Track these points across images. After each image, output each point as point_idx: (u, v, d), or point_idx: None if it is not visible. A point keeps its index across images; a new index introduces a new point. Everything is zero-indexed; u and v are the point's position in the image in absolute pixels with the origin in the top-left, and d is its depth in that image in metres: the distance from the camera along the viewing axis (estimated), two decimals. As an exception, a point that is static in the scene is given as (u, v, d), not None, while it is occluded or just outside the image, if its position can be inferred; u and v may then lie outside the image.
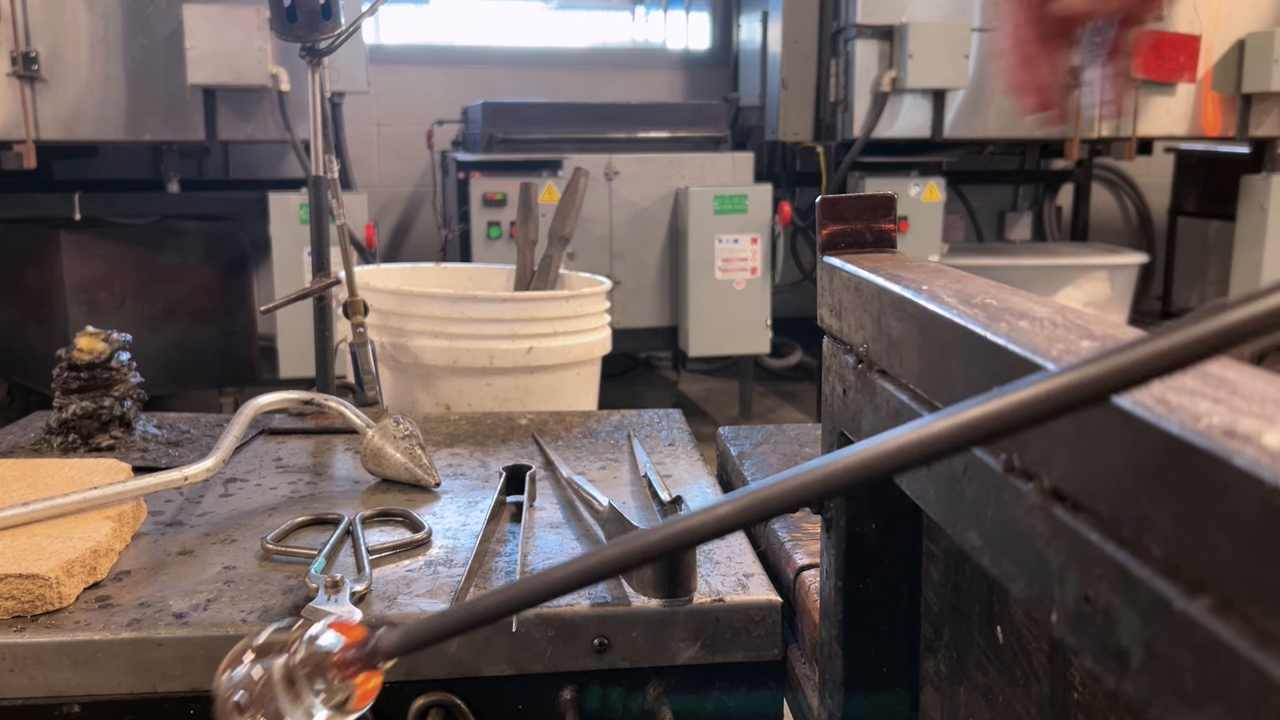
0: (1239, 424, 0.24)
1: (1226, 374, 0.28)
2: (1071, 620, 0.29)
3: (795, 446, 1.09)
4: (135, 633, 0.70)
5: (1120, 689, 0.27)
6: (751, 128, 4.90)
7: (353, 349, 1.35)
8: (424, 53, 5.00)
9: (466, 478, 1.04)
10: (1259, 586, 0.21)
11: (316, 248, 1.36)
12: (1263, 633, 0.21)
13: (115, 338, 1.13)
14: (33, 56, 3.37)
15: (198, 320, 3.86)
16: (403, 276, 1.91)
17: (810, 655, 0.73)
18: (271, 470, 1.05)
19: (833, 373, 0.58)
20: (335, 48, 1.24)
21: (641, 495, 0.99)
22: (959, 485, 0.39)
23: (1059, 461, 0.31)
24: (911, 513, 0.58)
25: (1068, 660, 0.41)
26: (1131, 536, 0.26)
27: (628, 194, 3.86)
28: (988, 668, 0.49)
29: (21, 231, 3.78)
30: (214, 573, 0.79)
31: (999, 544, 0.35)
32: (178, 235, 3.87)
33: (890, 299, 0.48)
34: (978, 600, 0.50)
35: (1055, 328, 0.36)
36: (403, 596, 0.75)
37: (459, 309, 1.60)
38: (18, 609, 0.71)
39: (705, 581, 0.78)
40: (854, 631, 0.60)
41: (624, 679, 0.75)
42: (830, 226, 0.56)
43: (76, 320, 3.50)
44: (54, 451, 1.08)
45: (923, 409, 0.43)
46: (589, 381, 1.74)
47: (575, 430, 1.21)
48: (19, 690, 0.69)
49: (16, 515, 0.77)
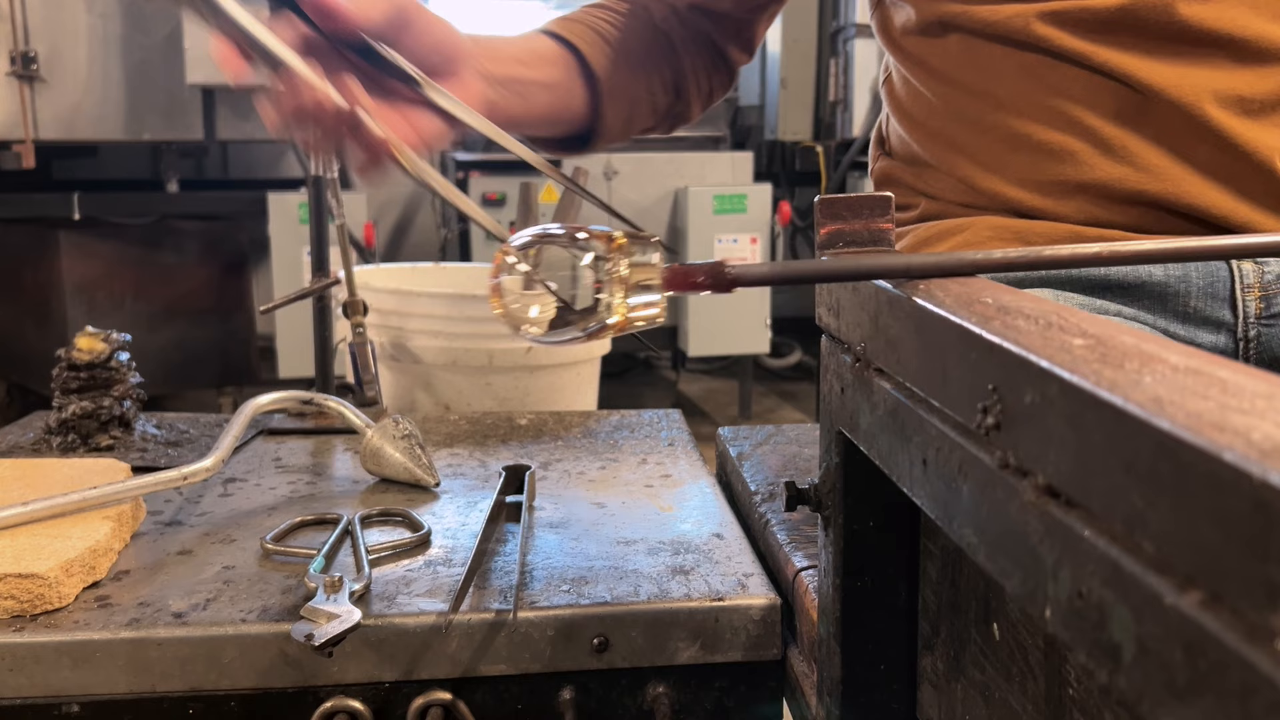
0: (1229, 420, 0.24)
1: (1218, 371, 0.28)
2: (1065, 616, 0.30)
3: (795, 447, 1.10)
4: (134, 632, 0.70)
5: (1113, 684, 0.27)
6: (751, 127, 4.90)
7: (352, 349, 1.35)
8: (423, 53, 4.99)
9: (466, 478, 1.04)
10: (1248, 581, 0.21)
11: (316, 247, 1.36)
12: (1252, 626, 0.21)
13: (114, 338, 1.14)
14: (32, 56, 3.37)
15: (197, 320, 3.86)
16: (402, 276, 1.91)
17: (808, 654, 0.74)
18: (271, 470, 1.06)
19: (830, 371, 0.58)
20: (334, 48, 1.24)
21: (641, 495, 0.99)
22: (955, 482, 0.39)
23: (1052, 459, 0.31)
24: (909, 511, 0.58)
25: (1063, 656, 0.41)
26: (1123, 533, 0.27)
27: (627, 193, 3.87)
28: (984, 665, 0.49)
29: (20, 231, 3.78)
30: (213, 572, 0.79)
31: (994, 541, 0.35)
32: (177, 235, 3.87)
33: (887, 298, 0.48)
34: (974, 598, 0.50)
35: (1050, 327, 0.36)
36: (402, 596, 0.75)
37: (458, 309, 1.61)
38: (16, 609, 0.71)
39: (705, 581, 0.78)
40: (852, 629, 0.60)
41: (623, 679, 0.75)
42: (828, 226, 0.56)
43: (75, 320, 3.50)
44: (53, 451, 1.08)
45: (919, 407, 0.43)
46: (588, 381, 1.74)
47: (575, 430, 1.22)
48: (17, 690, 0.69)
49: (15, 515, 0.77)
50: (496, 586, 0.77)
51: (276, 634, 0.71)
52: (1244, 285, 0.79)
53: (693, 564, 0.82)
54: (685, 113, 1.00)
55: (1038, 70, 0.81)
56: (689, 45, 0.96)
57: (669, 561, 0.82)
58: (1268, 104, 0.77)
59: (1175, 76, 0.77)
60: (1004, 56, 0.82)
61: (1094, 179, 0.80)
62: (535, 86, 0.85)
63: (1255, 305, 0.79)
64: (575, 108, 0.90)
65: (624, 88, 0.93)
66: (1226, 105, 0.77)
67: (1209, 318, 0.80)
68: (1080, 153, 0.80)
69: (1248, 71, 0.77)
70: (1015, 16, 0.80)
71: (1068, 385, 0.30)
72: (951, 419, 0.40)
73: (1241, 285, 0.79)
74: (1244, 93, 0.77)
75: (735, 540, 0.87)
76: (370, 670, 0.72)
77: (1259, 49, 0.77)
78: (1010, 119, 0.83)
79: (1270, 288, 0.79)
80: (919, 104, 0.90)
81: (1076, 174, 0.81)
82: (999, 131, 0.83)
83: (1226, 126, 0.77)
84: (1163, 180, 0.79)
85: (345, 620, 0.67)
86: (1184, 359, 0.30)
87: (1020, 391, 0.33)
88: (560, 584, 0.78)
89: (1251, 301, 0.79)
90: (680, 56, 0.96)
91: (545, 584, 0.78)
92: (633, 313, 0.53)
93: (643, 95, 0.95)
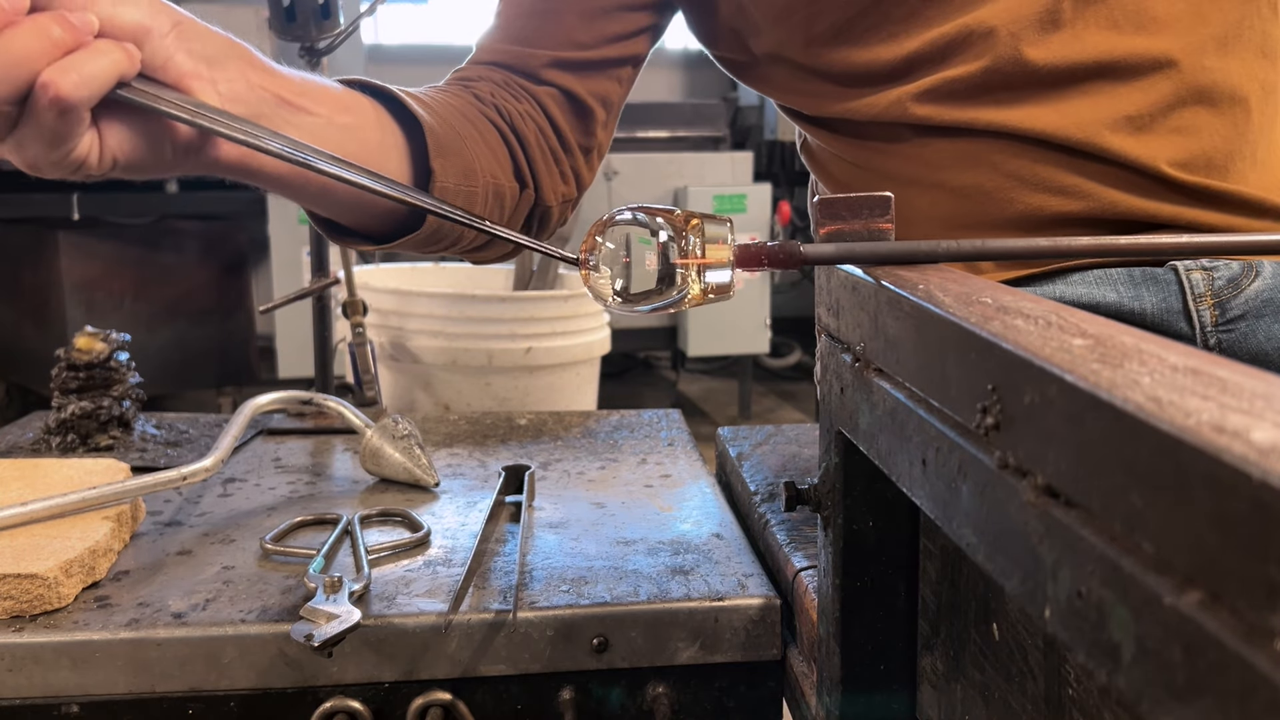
0: (1228, 420, 0.24)
1: (1218, 371, 0.28)
2: (1064, 616, 0.30)
3: (795, 447, 1.10)
4: (134, 633, 0.70)
5: (1112, 684, 0.27)
6: (750, 127, 4.90)
7: (351, 349, 1.35)
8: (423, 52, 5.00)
9: (465, 478, 1.04)
10: (1248, 581, 0.21)
11: (315, 247, 1.36)
12: (1251, 626, 0.21)
13: (114, 338, 1.14)
14: (31, 57, 3.36)
15: (196, 320, 3.86)
16: (402, 276, 1.91)
17: (808, 654, 0.74)
18: (270, 470, 1.06)
19: (830, 371, 0.58)
20: (334, 47, 1.25)
21: (641, 495, 0.99)
22: (955, 483, 0.39)
23: (1052, 459, 0.31)
24: (909, 510, 0.58)
25: (1062, 656, 0.41)
26: (1123, 533, 0.26)
27: (627, 193, 3.87)
28: (984, 665, 0.49)
29: (20, 231, 3.78)
30: (213, 573, 0.79)
31: (993, 541, 0.35)
32: (176, 235, 3.87)
33: (887, 298, 0.48)
34: (974, 598, 0.50)
35: (1049, 327, 0.36)
36: (401, 596, 0.75)
37: (458, 309, 1.61)
38: (16, 609, 0.71)
39: (705, 582, 0.78)
40: (851, 629, 0.60)
41: (623, 679, 0.75)
42: (828, 226, 0.56)
43: (75, 320, 3.50)
44: (52, 451, 1.08)
45: (918, 407, 0.43)
46: (588, 381, 1.74)
47: (574, 430, 1.22)
48: (17, 690, 0.69)
49: (15, 515, 0.77)
50: (496, 587, 0.77)
51: (276, 634, 0.71)
52: (1195, 295, 0.79)
53: (692, 564, 0.82)
54: (546, 218, 0.85)
55: (929, 149, 0.82)
56: (527, 120, 0.82)
57: (669, 561, 0.82)
58: (1156, 113, 0.78)
59: (1058, 117, 0.78)
60: (893, 145, 0.84)
61: (1015, 212, 0.80)
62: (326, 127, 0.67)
63: (1210, 314, 0.79)
64: (388, 169, 0.71)
65: (458, 150, 0.75)
66: (1118, 129, 0.78)
67: (1167, 333, 0.80)
68: (996, 190, 0.81)
69: (1130, 89, 0.77)
70: (892, 105, 0.81)
71: (1067, 385, 0.30)
72: (951, 419, 0.40)
73: (1193, 295, 0.79)
74: (1130, 112, 0.78)
75: (735, 540, 0.87)
76: (370, 670, 0.72)
77: (1132, 65, 0.77)
78: (918, 189, 0.84)
79: (1222, 293, 0.79)
80: (840, 166, 0.91)
81: (999, 211, 0.81)
82: (914, 190, 0.84)
83: (1121, 148, 0.77)
84: (1081, 199, 0.79)
85: (345, 620, 0.67)
86: (1184, 359, 0.30)
87: (1020, 391, 0.33)
88: (560, 584, 0.78)
89: (1206, 311, 0.79)
90: (523, 136, 0.81)
91: (545, 584, 0.78)
92: (707, 284, 0.60)
93: (483, 170, 0.77)
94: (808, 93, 0.88)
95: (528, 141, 0.81)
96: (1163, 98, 0.78)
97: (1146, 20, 0.77)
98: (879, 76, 0.82)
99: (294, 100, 0.65)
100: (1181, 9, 0.77)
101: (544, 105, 0.83)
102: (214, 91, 0.61)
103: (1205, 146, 0.79)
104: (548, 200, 0.84)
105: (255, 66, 0.64)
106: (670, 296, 0.60)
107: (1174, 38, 0.77)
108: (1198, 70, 0.78)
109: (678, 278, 0.60)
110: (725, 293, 0.60)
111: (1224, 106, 0.79)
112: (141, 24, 0.57)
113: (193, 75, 0.60)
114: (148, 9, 0.58)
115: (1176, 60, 0.77)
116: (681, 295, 0.60)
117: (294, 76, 0.67)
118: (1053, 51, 0.77)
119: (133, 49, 0.56)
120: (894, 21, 0.80)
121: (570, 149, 0.85)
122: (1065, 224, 0.80)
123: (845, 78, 0.84)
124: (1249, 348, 0.79)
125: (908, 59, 0.80)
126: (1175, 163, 0.78)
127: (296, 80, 0.66)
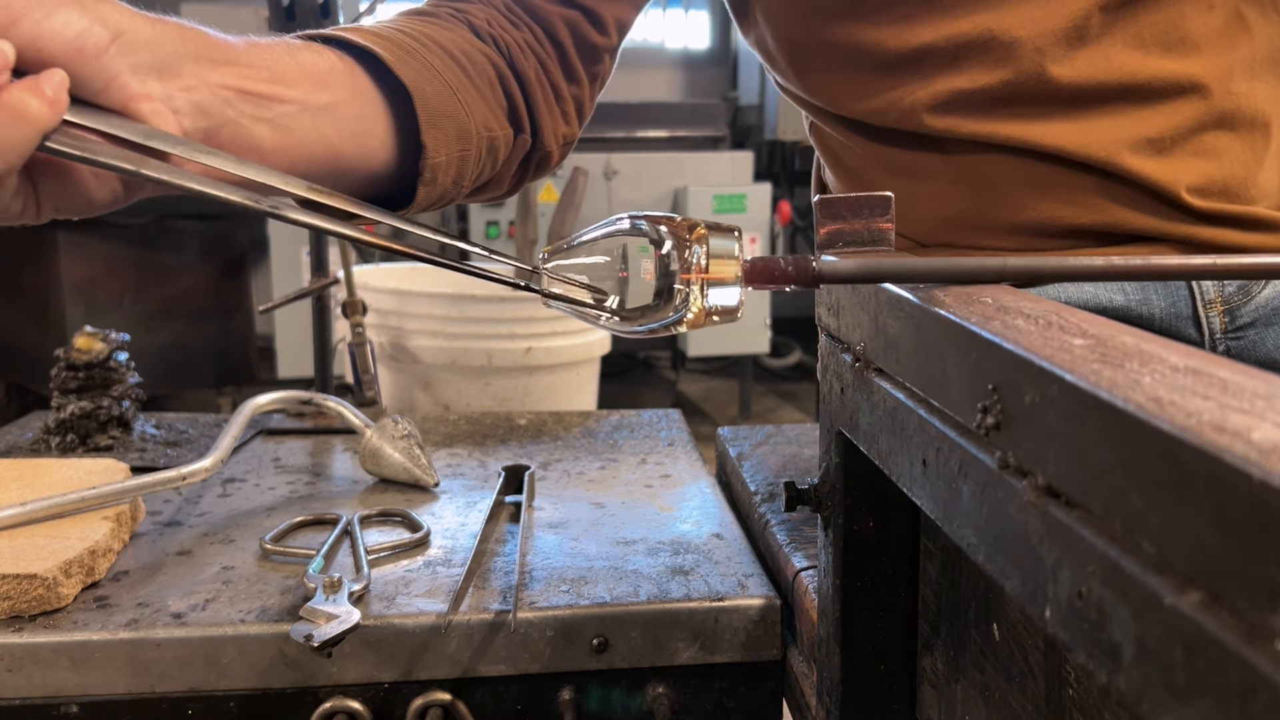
0: (1229, 420, 0.24)
1: (1218, 371, 0.28)
2: (1064, 616, 0.30)
3: (795, 447, 1.09)
4: (133, 633, 0.70)
5: (1113, 684, 0.27)
6: (750, 127, 4.90)
7: (351, 349, 1.35)
8: (422, 53, 4.99)
9: (465, 478, 1.04)
10: (1248, 581, 0.21)
11: (315, 247, 1.36)
12: (1252, 627, 0.21)
13: (113, 337, 1.13)
14: (31, 57, 3.36)
15: (196, 320, 3.86)
16: (401, 276, 1.91)
17: (808, 654, 0.74)
18: (270, 470, 1.06)
19: (830, 371, 0.58)
20: (333, 48, 1.24)
21: (641, 495, 0.99)
22: (955, 483, 0.39)
23: (1052, 459, 0.31)
24: (909, 511, 0.58)
25: (1062, 657, 0.41)
26: (1123, 533, 0.26)
27: (627, 193, 3.87)
28: (984, 665, 0.49)
29: (19, 231, 3.77)
30: (212, 573, 0.79)
31: (993, 541, 0.35)
32: (176, 235, 3.86)
33: (887, 298, 0.48)
34: (974, 598, 0.50)
35: (1050, 327, 0.36)
36: (401, 596, 0.75)
37: (458, 309, 1.61)
38: (15, 609, 0.71)
39: (705, 582, 0.78)
40: (852, 629, 0.60)
41: (623, 679, 0.75)
42: (828, 225, 0.56)
43: (74, 320, 3.50)
44: (52, 451, 1.08)
45: (919, 407, 0.43)
46: (588, 381, 1.74)
47: (574, 430, 1.22)
48: (16, 690, 0.69)
49: (14, 515, 0.77)
50: (496, 587, 0.77)
51: (275, 634, 0.71)
52: (1205, 301, 0.78)
53: (692, 564, 0.82)
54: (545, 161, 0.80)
55: (941, 153, 0.81)
56: (527, 53, 0.76)
57: (669, 562, 0.82)
58: (1177, 138, 0.77)
59: (1078, 135, 0.76)
60: (904, 147, 0.82)
61: (1026, 218, 0.79)
62: (300, 114, 0.60)
63: (1220, 320, 0.78)
64: (371, 147, 0.65)
65: (451, 112, 0.68)
66: (1139, 151, 0.76)
67: (1175, 338, 0.79)
68: (1008, 196, 0.80)
69: (1155, 111, 0.76)
70: (906, 115, 0.79)
71: (1068, 385, 0.30)
72: (951, 419, 0.40)
73: (1203, 302, 0.78)
74: (1153, 134, 0.76)
75: (735, 540, 0.87)
76: (369, 671, 0.72)
77: (1158, 87, 0.76)
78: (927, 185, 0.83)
79: (1232, 300, 0.78)
80: (849, 155, 0.89)
81: (1010, 215, 0.80)
82: (923, 185, 0.83)
83: (1141, 170, 0.76)
84: (1095, 212, 0.78)
85: (344, 621, 0.67)
86: (1184, 359, 0.30)
87: (1020, 392, 0.33)
88: (560, 584, 0.78)
89: (1215, 317, 0.78)
90: (522, 73, 0.75)
91: (545, 584, 0.78)
92: (710, 305, 0.52)
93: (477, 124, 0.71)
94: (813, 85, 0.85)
95: (527, 79, 0.75)
96: (1186, 121, 0.76)
97: (1175, 41, 0.75)
98: (885, 64, 0.79)
99: (263, 91, 0.58)
100: (1214, 30, 0.76)
101: (554, 32, 0.77)
102: (167, 111, 0.52)
103: (1224, 171, 0.77)
104: (547, 145, 0.78)
105: (215, 62, 0.56)
106: (668, 315, 0.53)
107: (1204, 61, 0.76)
108: (1225, 95, 0.76)
109: (678, 295, 0.52)
110: (731, 315, 0.53)
111: (1245, 130, 0.78)
112: (73, 45, 0.49)
113: (140, 97, 0.52)
114: (80, 24, 0.49)
115: (1205, 84, 0.76)
116: (680, 315, 0.53)
117: (261, 59, 0.59)
118: (1078, 70, 0.75)
119: (56, 92, 0.48)
120: (908, 3, 0.77)
121: (577, 78, 0.79)
122: (1075, 234, 0.79)
123: (850, 61, 0.81)
124: (1258, 355, 0.79)
125: (919, 51, 0.78)
126: (1194, 189, 0.77)
127: (265, 63, 0.59)
